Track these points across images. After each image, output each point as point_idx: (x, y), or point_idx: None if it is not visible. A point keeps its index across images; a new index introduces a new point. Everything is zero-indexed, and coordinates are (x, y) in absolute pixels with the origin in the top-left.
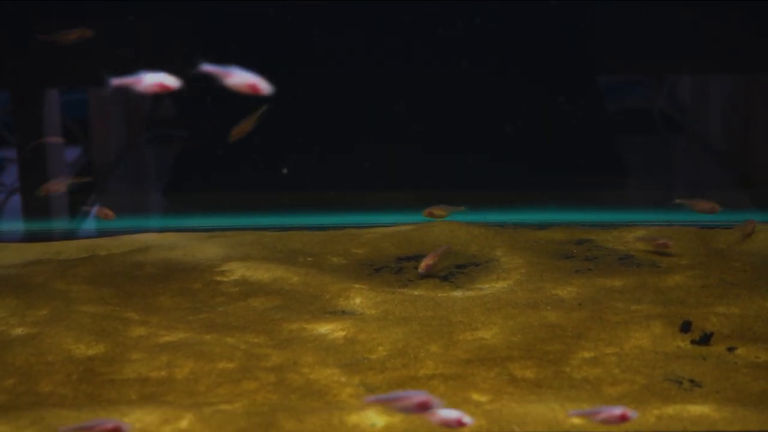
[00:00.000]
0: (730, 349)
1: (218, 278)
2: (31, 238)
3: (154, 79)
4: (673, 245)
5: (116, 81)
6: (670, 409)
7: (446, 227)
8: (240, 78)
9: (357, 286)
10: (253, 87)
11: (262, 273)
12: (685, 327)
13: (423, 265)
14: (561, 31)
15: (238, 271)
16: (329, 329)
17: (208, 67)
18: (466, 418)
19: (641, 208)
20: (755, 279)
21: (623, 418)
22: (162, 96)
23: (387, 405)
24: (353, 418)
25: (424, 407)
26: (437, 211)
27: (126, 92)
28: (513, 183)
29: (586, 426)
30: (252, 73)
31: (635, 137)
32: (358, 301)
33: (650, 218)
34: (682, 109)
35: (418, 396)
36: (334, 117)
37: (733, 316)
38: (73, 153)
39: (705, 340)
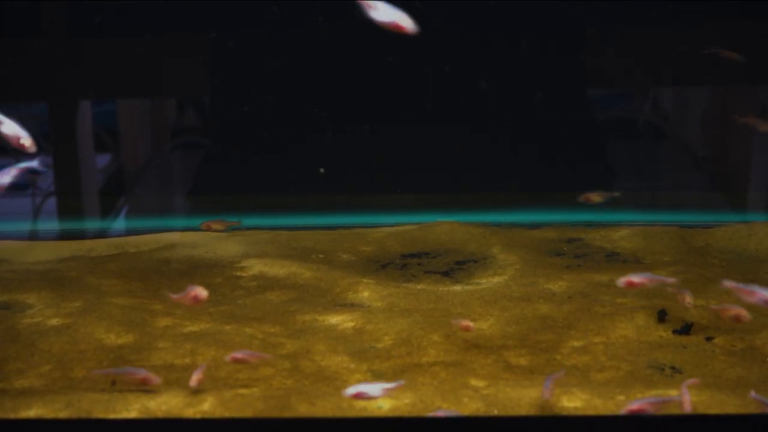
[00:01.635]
0: (708, 339)
1: (237, 273)
2: (65, 236)
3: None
4: (656, 244)
5: None
6: (653, 394)
7: (447, 227)
8: None
9: (365, 280)
10: None
11: (277, 269)
12: (661, 315)
13: (194, 379)
14: (556, 40)
15: (255, 267)
16: (339, 320)
17: None
18: None
19: (626, 209)
20: (731, 274)
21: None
22: (185, 107)
23: None
24: (361, 402)
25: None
26: (215, 224)
27: (153, 104)
28: (509, 185)
29: (574, 410)
30: None
31: (622, 143)
32: (365, 294)
33: (635, 218)
34: (665, 117)
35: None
36: (344, 125)
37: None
38: (103, 160)
39: (685, 330)
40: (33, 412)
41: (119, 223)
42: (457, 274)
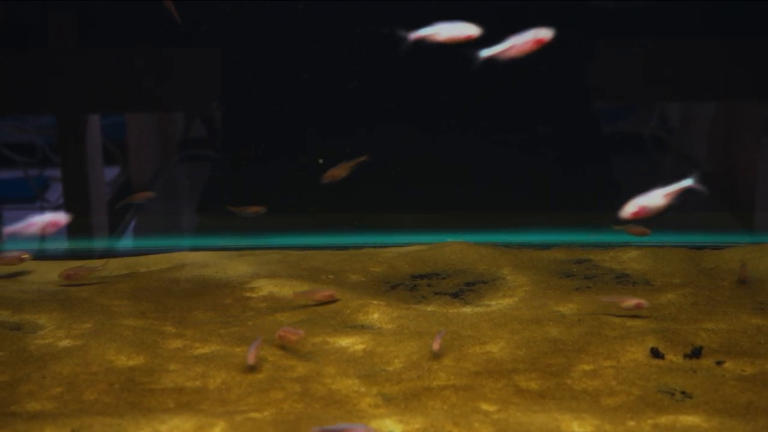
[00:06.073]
0: (719, 363)
1: (247, 294)
2: (74, 255)
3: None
4: (666, 265)
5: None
6: (664, 419)
7: (457, 247)
8: None
9: (375, 302)
10: None
11: (287, 289)
12: (654, 352)
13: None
14: (561, 59)
15: (265, 287)
16: (349, 342)
17: None
18: None
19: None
20: (741, 297)
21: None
22: (193, 119)
23: None
24: (372, 426)
25: None
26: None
27: (160, 117)
28: (517, 205)
29: None
30: None
31: (628, 160)
32: (375, 316)
33: (643, 240)
34: (671, 132)
35: None
36: (356, 146)
37: (721, 332)
38: (111, 172)
39: (695, 354)
40: None
41: (127, 240)
42: (467, 296)
